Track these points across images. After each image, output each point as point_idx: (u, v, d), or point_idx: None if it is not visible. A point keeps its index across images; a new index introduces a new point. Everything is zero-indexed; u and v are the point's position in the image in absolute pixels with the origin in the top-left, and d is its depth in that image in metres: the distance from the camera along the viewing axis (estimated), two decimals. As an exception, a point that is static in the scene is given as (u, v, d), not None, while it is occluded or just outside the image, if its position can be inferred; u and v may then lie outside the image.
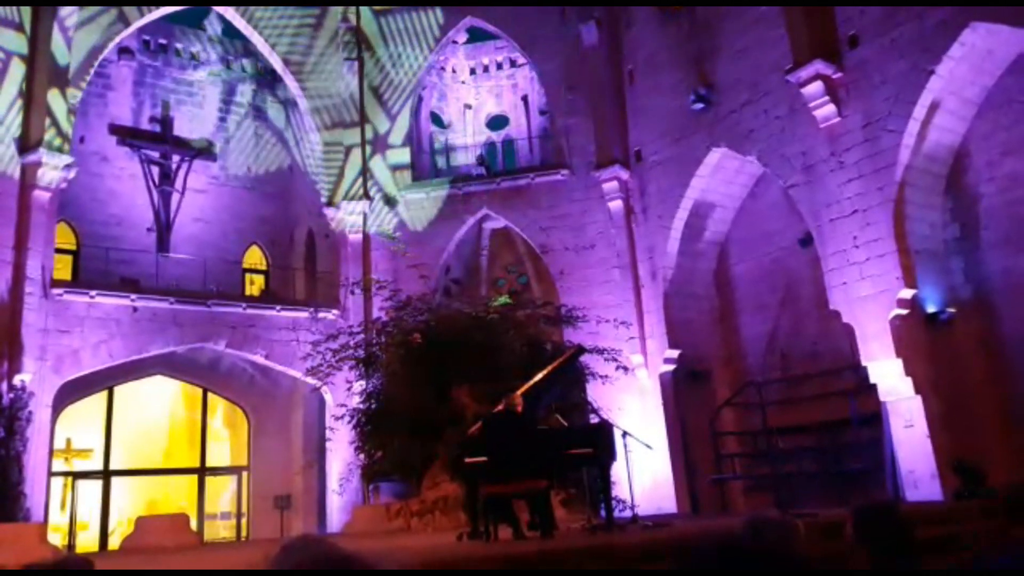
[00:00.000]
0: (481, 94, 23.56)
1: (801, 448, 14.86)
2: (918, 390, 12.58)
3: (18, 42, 17.03)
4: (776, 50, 15.09)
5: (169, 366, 19.74)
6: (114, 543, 18.17)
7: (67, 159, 17.17)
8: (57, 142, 17.07)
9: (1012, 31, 12.03)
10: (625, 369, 15.51)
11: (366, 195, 20.56)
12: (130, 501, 20.00)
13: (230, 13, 20.95)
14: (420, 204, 20.60)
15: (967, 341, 13.03)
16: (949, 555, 6.07)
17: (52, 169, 16.78)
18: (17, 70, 16.92)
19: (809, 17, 14.55)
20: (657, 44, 18.36)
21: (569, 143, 19.84)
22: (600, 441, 8.55)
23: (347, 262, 20.15)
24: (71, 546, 17.97)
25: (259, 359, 19.54)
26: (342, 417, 14.98)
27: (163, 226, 21.32)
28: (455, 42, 22.81)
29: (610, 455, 8.56)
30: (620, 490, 10.56)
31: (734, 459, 16.20)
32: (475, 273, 21.07)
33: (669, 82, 17.76)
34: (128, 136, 21.64)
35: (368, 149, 21.00)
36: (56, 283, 17.00)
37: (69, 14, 17.66)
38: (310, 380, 16.72)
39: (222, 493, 21.50)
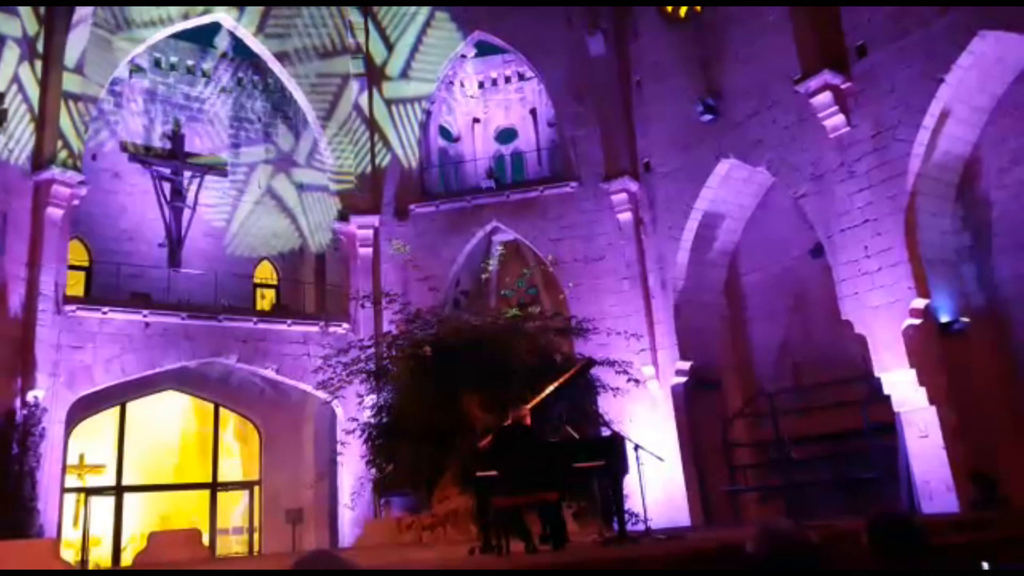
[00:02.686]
0: (490, 107, 23.63)
1: (813, 458, 14.76)
2: (932, 400, 12.49)
3: (30, 60, 17.21)
4: (784, 58, 15.08)
5: (181, 381, 19.81)
6: (127, 559, 18.19)
7: (79, 176, 17.34)
8: (69, 159, 17.23)
9: (1021, 38, 11.99)
10: (636, 381, 15.45)
11: (376, 209, 20.65)
12: (142, 516, 20.03)
13: (241, 31, 21.13)
14: (429, 217, 20.67)
15: (981, 350, 12.92)
16: (960, 562, 6.02)
17: (64, 186, 16.93)
18: (30, 87, 17.10)
19: (817, 26, 14.55)
20: (664, 54, 18.39)
21: (577, 154, 19.88)
22: (612, 453, 8.52)
23: (357, 275, 20.22)
24: (84, 562, 18.00)
25: (270, 373, 19.59)
26: (353, 431, 14.96)
27: (174, 241, 21.43)
28: (463, 56, 22.91)
29: (622, 467, 8.53)
30: (632, 502, 10.50)
31: (746, 469, 16.12)
32: (485, 285, 21.06)
33: (676, 91, 17.78)
34: (140, 153, 21.81)
35: (379, 162, 21.14)
36: (69, 299, 17.09)
37: (80, 24, 17.81)
38: (321, 394, 16.73)
39: (234, 508, 21.50)
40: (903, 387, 12.88)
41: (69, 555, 16.83)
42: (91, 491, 18.95)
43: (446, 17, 21.63)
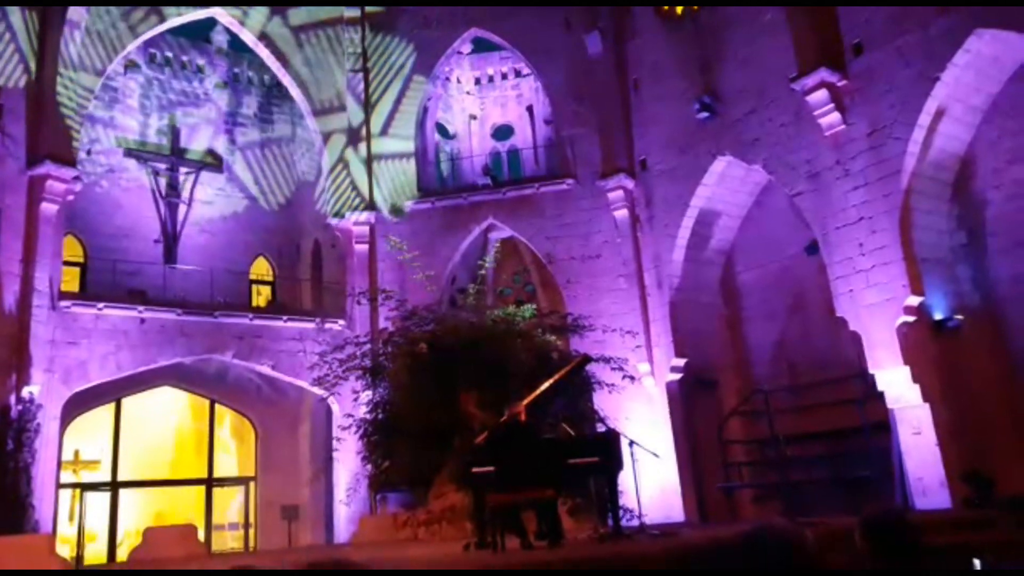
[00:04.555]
0: (486, 105, 23.63)
1: (809, 456, 14.81)
2: (926, 398, 12.54)
3: (25, 55, 17.16)
4: (781, 58, 15.11)
5: (176, 377, 19.79)
6: (122, 555, 18.18)
7: (74, 171, 17.28)
8: (64, 155, 17.17)
9: (1018, 37, 12.03)
10: (632, 378, 15.47)
11: (372, 206, 20.65)
12: (138, 512, 20.03)
13: (236, 26, 21.09)
14: (426, 214, 20.66)
15: (975, 348, 12.97)
16: (957, 563, 6.05)
17: (59, 182, 16.88)
18: (25, 82, 17.04)
19: (814, 25, 14.58)
20: (662, 53, 18.40)
21: (574, 152, 19.88)
22: (607, 450, 8.53)
23: (353, 272, 20.21)
24: (79, 557, 17.99)
25: (266, 370, 19.57)
26: (349, 427, 14.97)
27: (170, 237, 21.41)
28: (460, 53, 22.89)
29: (617, 464, 8.55)
30: (627, 499, 10.51)
31: (742, 467, 16.16)
32: (481, 282, 21.07)
33: (674, 91, 17.79)
34: (135, 148, 21.77)
35: (374, 159, 21.14)
36: (64, 295, 17.06)
37: (75, 19, 17.76)
38: (317, 390, 16.73)
39: (230, 504, 21.49)
40: (897, 384, 12.93)
41: (65, 551, 16.80)
42: (86, 487, 18.94)
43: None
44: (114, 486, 19.18)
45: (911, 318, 12.90)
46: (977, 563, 5.18)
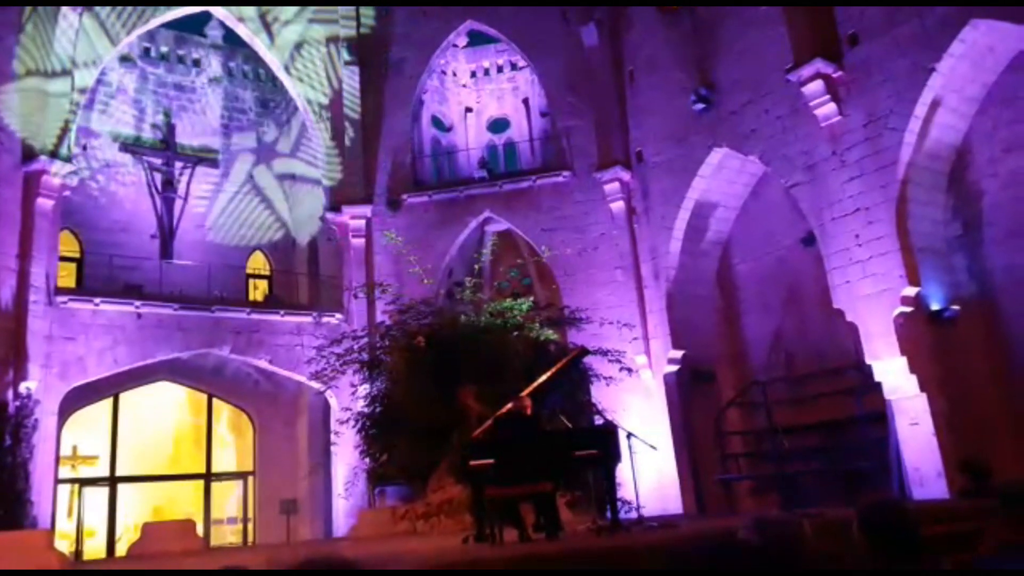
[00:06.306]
0: (482, 97, 23.60)
1: (807, 447, 14.85)
2: (923, 388, 12.56)
3: (20, 49, 17.09)
4: (777, 50, 15.08)
5: (174, 372, 19.78)
6: (121, 549, 18.20)
7: (70, 167, 17.24)
8: (60, 150, 17.12)
9: (1013, 28, 12.02)
10: (629, 370, 15.50)
11: (368, 199, 20.62)
12: (136, 507, 20.05)
13: (231, 20, 21.00)
14: (422, 208, 20.64)
15: (972, 338, 13.00)
16: (954, 554, 6.06)
17: (55, 177, 16.85)
18: (20, 77, 16.98)
19: (809, 16, 14.57)
20: (658, 45, 18.36)
21: (570, 145, 19.86)
22: (605, 442, 8.54)
23: (350, 266, 20.20)
24: (78, 553, 18.01)
25: (263, 364, 19.57)
26: (347, 421, 14.99)
27: (166, 232, 21.37)
28: (455, 46, 22.83)
29: (615, 456, 8.55)
30: (625, 491, 10.54)
31: (739, 459, 16.20)
32: (478, 276, 21.06)
33: (670, 83, 17.76)
34: (131, 143, 21.71)
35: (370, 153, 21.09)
36: (60, 290, 17.04)
37: (70, 13, 17.69)
38: (314, 384, 16.74)
39: (228, 498, 21.52)
40: (894, 375, 12.95)
41: (63, 546, 16.81)
42: (85, 482, 18.94)
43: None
44: (112, 481, 19.18)
45: (908, 308, 12.92)
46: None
